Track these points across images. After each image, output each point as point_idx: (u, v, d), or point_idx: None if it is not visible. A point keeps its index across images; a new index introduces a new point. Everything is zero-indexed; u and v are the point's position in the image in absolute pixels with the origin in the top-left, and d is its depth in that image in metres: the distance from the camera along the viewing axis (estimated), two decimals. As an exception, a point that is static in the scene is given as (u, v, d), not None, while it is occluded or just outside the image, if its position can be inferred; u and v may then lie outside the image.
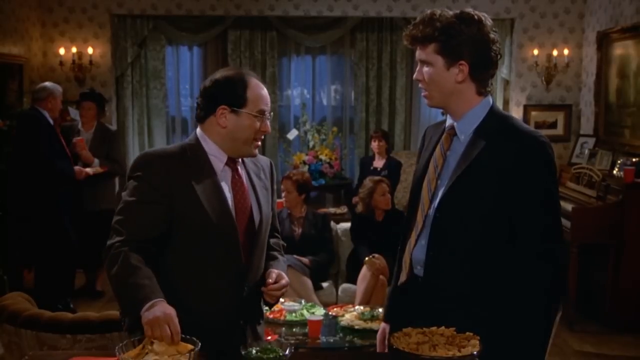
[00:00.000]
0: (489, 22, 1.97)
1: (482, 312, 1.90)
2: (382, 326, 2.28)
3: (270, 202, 2.20)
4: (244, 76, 2.07)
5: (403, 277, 2.08)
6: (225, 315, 2.04)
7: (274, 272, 2.11)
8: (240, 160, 2.15)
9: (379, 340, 2.28)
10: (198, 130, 2.11)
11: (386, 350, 2.16)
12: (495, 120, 1.99)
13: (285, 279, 2.12)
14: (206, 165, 2.05)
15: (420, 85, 2.03)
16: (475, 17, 1.95)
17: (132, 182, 2.02)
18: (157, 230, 1.97)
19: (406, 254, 2.08)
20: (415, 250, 2.03)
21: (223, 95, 2.04)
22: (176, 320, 1.77)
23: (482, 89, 2.00)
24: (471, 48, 1.94)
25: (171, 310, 1.79)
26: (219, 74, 2.09)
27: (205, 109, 2.07)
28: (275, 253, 2.28)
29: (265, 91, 2.09)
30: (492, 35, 1.96)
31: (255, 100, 2.04)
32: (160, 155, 2.06)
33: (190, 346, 1.74)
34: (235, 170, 2.11)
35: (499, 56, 1.99)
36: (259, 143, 2.11)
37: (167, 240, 2.00)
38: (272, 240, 2.30)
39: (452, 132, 2.04)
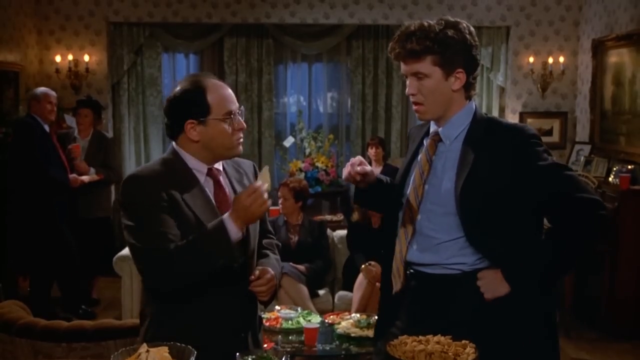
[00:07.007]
0: (469, 26, 2.01)
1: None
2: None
3: None
4: (200, 82, 1.98)
5: (398, 286, 2.07)
6: (223, 325, 2.02)
7: (256, 269, 2.08)
8: (221, 169, 2.10)
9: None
10: (174, 144, 2.05)
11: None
12: (482, 125, 2.01)
13: (270, 273, 2.07)
14: (191, 177, 2.00)
15: (413, 99, 2.01)
16: (459, 23, 1.98)
17: (129, 209, 1.93)
18: (176, 236, 1.91)
19: (398, 263, 2.07)
20: (410, 255, 2.04)
21: (185, 109, 1.96)
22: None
23: (469, 93, 2.03)
24: (464, 55, 1.97)
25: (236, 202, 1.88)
26: (177, 89, 2.01)
27: (173, 128, 2.01)
28: (267, 251, 2.24)
29: (227, 90, 2.01)
30: (475, 39, 2.01)
31: (218, 103, 1.96)
32: (147, 175, 1.97)
33: None
34: (217, 182, 2.06)
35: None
36: (241, 142, 2.04)
37: None
38: (265, 241, 2.27)
39: (437, 137, 2.05)
